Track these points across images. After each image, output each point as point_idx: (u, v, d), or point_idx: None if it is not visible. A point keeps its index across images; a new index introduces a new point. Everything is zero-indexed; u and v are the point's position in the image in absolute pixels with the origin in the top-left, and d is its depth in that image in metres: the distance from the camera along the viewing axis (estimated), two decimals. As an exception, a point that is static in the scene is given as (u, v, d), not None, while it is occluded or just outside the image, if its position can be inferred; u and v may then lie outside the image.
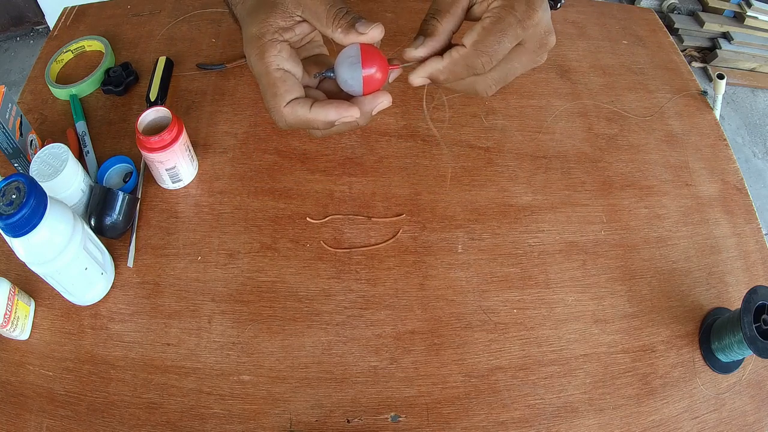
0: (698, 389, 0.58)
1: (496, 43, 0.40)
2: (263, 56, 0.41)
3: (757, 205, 0.72)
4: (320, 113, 0.41)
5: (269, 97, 0.42)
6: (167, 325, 0.57)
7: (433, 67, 0.41)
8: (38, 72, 0.76)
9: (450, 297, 0.60)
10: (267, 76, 0.41)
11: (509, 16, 0.39)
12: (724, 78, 0.79)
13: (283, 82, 0.41)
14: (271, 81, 0.41)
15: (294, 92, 0.42)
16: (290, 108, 0.41)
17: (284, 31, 0.42)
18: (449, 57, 0.41)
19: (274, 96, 0.41)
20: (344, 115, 0.41)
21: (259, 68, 0.41)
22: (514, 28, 0.40)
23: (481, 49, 0.40)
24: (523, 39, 0.41)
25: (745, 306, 0.54)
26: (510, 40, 0.40)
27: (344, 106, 0.41)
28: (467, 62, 0.40)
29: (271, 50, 0.41)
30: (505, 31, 0.39)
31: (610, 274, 0.64)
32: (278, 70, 0.41)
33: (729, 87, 2.13)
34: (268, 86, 0.41)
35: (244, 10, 0.45)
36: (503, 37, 0.40)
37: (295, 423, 0.53)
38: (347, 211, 0.65)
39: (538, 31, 0.41)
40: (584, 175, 0.71)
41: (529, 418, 0.54)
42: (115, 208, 0.59)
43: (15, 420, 0.52)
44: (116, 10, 0.84)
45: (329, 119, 0.41)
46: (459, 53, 0.40)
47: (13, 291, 0.54)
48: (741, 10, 2.17)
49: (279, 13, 0.41)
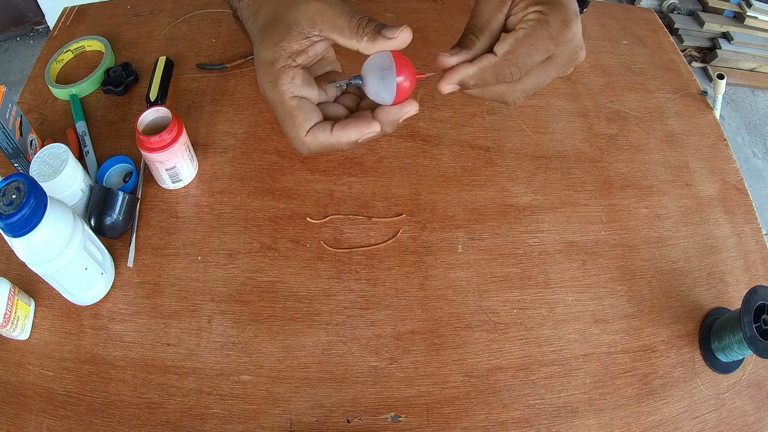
0: (698, 389, 0.58)
1: (527, 55, 0.40)
2: (277, 84, 0.40)
3: (757, 205, 0.72)
4: (342, 135, 0.41)
5: (288, 127, 0.42)
6: (167, 325, 0.57)
7: (463, 73, 0.42)
8: (38, 72, 0.76)
9: (450, 297, 0.60)
10: (283, 105, 0.41)
11: (543, 31, 0.40)
12: (724, 78, 0.79)
13: (300, 110, 0.41)
14: (288, 110, 0.41)
15: (312, 118, 0.41)
16: (311, 136, 0.41)
17: (297, 55, 0.41)
18: (479, 63, 0.41)
19: (293, 126, 0.41)
20: (365, 132, 0.41)
21: (274, 97, 0.41)
22: (546, 43, 0.40)
23: (511, 59, 0.40)
24: (554, 53, 0.41)
25: (745, 306, 0.54)
26: (541, 54, 0.40)
27: (364, 123, 0.41)
28: (496, 70, 0.41)
29: (285, 77, 0.40)
30: (537, 45, 0.40)
31: (610, 274, 0.64)
32: (293, 98, 0.41)
33: (729, 87, 2.13)
34: (286, 116, 0.41)
35: (255, 26, 0.43)
36: (534, 50, 0.40)
37: (295, 423, 0.53)
38: (347, 211, 0.65)
39: (569, 47, 0.41)
40: (584, 175, 0.71)
41: (529, 418, 0.54)
42: (115, 208, 0.59)
43: (15, 420, 0.52)
44: (116, 10, 0.84)
45: (351, 140, 0.41)
46: (489, 61, 0.41)
47: (13, 291, 0.54)
48: (741, 10, 2.17)
49: (294, 36, 0.40)
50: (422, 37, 0.81)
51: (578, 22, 0.41)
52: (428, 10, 0.86)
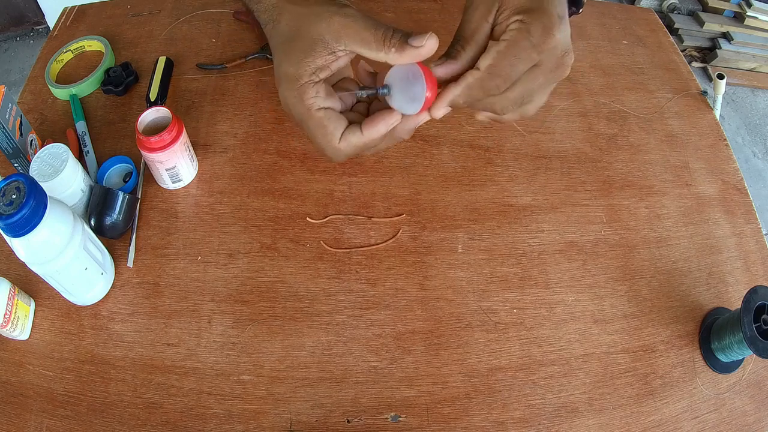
0: (698, 389, 0.58)
1: (509, 66, 0.41)
2: (303, 99, 0.41)
3: (757, 205, 0.72)
4: (372, 132, 0.42)
5: (320, 138, 0.43)
6: (167, 325, 0.57)
7: (451, 95, 0.42)
8: (38, 72, 0.76)
9: (450, 297, 0.60)
10: (312, 119, 0.42)
11: (524, 41, 0.40)
12: (724, 78, 0.79)
13: (329, 120, 0.42)
14: (318, 122, 0.42)
15: (341, 126, 0.43)
16: (344, 142, 0.43)
17: (321, 71, 0.42)
18: (464, 81, 0.42)
19: (325, 136, 0.42)
20: (390, 122, 0.42)
21: (301, 111, 0.42)
22: (529, 52, 0.40)
23: (494, 72, 0.41)
24: (540, 60, 0.41)
25: (745, 306, 0.54)
26: (524, 64, 0.41)
27: (388, 115, 0.42)
28: (482, 84, 0.41)
29: (310, 92, 0.41)
30: (519, 55, 0.40)
31: (610, 274, 0.64)
32: (320, 110, 0.42)
33: (729, 87, 2.13)
34: (318, 128, 0.42)
35: (276, 34, 0.43)
36: (517, 60, 0.40)
37: (295, 423, 0.53)
38: (347, 211, 0.65)
39: (555, 53, 0.41)
40: (584, 175, 0.71)
41: (529, 418, 0.54)
42: (115, 208, 0.59)
43: (15, 420, 0.52)
44: (116, 10, 0.84)
45: (381, 133, 0.42)
46: (474, 77, 0.41)
47: (13, 291, 0.54)
48: (741, 10, 2.17)
49: (319, 52, 0.41)
50: (422, 37, 0.81)
51: (563, 26, 0.41)
52: (428, 10, 0.86)
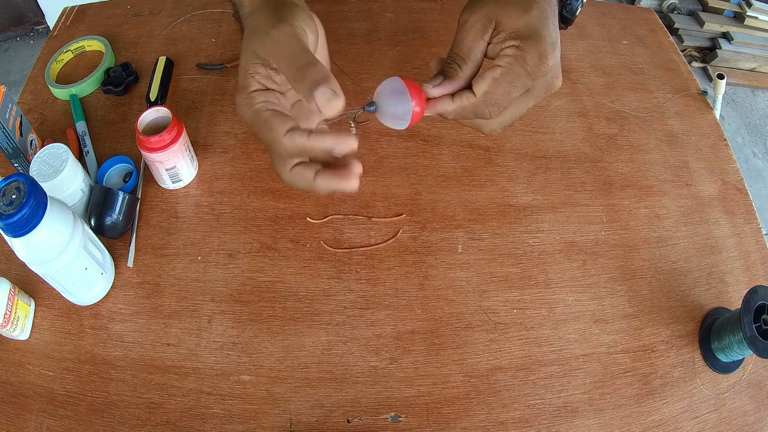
0: (698, 389, 0.58)
1: (505, 94, 0.41)
2: (252, 105, 0.40)
3: (757, 205, 0.72)
4: (319, 140, 0.39)
5: (266, 134, 0.40)
6: (167, 325, 0.57)
7: (443, 107, 0.43)
8: (38, 72, 0.76)
9: (450, 297, 0.60)
10: (259, 119, 0.40)
11: (519, 68, 0.40)
12: (724, 78, 0.79)
13: (276, 118, 0.40)
14: (264, 121, 0.40)
15: (288, 124, 0.40)
16: (289, 137, 0.39)
17: (268, 81, 0.41)
18: (459, 102, 0.42)
19: (270, 131, 0.40)
20: (340, 143, 0.39)
21: (251, 116, 0.40)
22: (523, 80, 0.41)
23: (489, 99, 0.41)
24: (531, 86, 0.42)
25: (745, 306, 0.54)
26: (518, 90, 0.41)
27: (343, 135, 0.40)
28: (475, 110, 0.42)
29: (258, 98, 0.40)
30: (514, 83, 0.41)
31: (610, 274, 0.64)
32: (267, 111, 0.40)
33: (729, 87, 2.13)
34: (264, 126, 0.40)
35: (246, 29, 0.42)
36: (512, 88, 0.41)
37: (295, 423, 0.53)
38: (347, 211, 0.65)
39: (546, 79, 0.42)
40: (584, 175, 0.71)
41: (529, 418, 0.54)
42: (115, 208, 0.59)
43: (15, 420, 0.52)
44: (116, 10, 0.84)
45: (326, 145, 0.39)
46: (469, 101, 0.42)
47: (13, 291, 0.54)
48: (741, 10, 2.17)
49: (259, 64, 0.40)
50: (422, 37, 0.81)
51: (556, 52, 0.41)
52: (428, 10, 0.86)
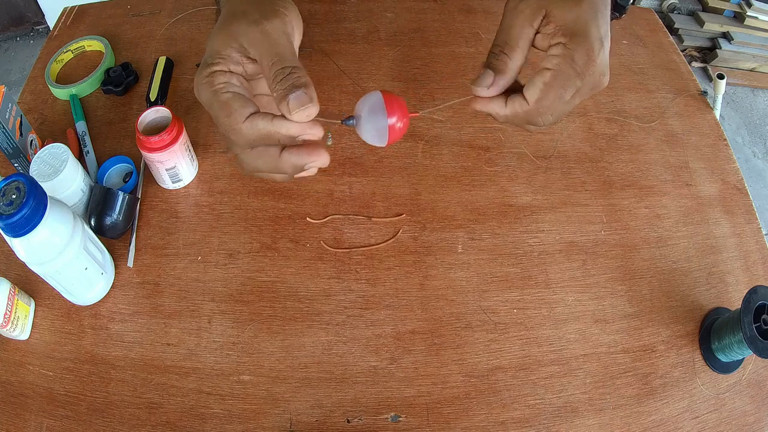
0: (698, 389, 0.58)
1: (558, 99, 0.40)
2: (212, 84, 0.38)
3: (757, 205, 0.72)
4: (283, 124, 0.37)
5: (223, 119, 0.37)
6: (167, 325, 0.57)
7: (495, 110, 0.42)
8: (38, 72, 0.76)
9: (450, 297, 0.60)
10: (217, 101, 0.38)
11: (569, 69, 0.39)
12: (724, 78, 0.79)
13: (235, 101, 0.37)
14: (223, 104, 0.37)
15: (249, 109, 0.37)
16: (249, 123, 0.37)
17: (236, 65, 0.39)
18: (512, 108, 0.41)
19: (228, 116, 0.37)
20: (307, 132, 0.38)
21: (208, 96, 0.38)
22: (574, 81, 0.39)
23: (543, 106, 0.40)
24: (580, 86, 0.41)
25: (745, 306, 0.54)
26: (570, 93, 0.40)
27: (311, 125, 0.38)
28: (528, 118, 0.41)
29: (220, 78, 0.38)
30: (565, 86, 0.39)
31: (610, 274, 0.64)
32: (227, 93, 0.38)
33: (729, 87, 2.13)
34: (221, 109, 0.37)
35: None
36: (564, 92, 0.40)
37: (295, 423, 0.53)
38: (347, 211, 0.65)
39: (594, 77, 0.40)
40: (584, 175, 0.71)
41: (529, 418, 0.54)
42: (115, 208, 0.59)
43: (15, 420, 0.52)
44: (116, 10, 0.84)
45: (291, 131, 0.38)
46: (522, 108, 0.41)
47: (13, 291, 0.54)
48: (741, 10, 2.17)
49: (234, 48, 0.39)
50: (422, 37, 0.81)
51: (605, 48, 0.39)
52: (428, 10, 0.86)
